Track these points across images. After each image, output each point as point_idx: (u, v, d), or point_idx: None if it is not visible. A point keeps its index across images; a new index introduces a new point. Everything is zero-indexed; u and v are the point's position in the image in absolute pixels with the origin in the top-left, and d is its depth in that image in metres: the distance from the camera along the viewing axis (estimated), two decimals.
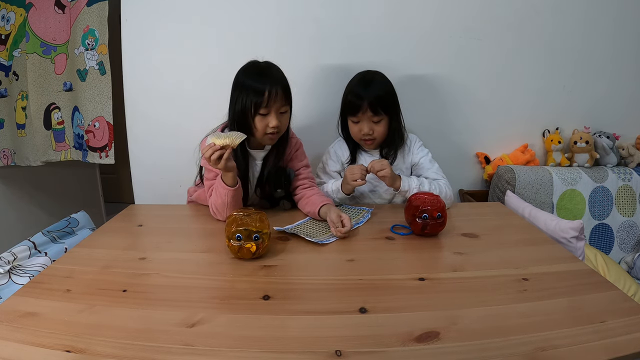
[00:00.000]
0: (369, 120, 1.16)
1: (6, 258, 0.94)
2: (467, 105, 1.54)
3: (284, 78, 1.07)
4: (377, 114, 1.15)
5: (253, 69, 1.07)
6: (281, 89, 1.03)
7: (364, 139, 1.20)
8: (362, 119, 1.17)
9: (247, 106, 1.03)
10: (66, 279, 0.78)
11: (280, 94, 1.03)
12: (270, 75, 1.04)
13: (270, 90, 1.01)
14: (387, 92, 1.18)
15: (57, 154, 1.67)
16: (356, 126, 1.19)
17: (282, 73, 1.08)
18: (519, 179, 1.44)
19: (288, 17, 1.44)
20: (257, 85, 1.02)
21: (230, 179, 1.02)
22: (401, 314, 0.66)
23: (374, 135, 1.18)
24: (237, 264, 0.84)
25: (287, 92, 1.07)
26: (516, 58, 1.50)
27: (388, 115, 1.17)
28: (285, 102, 1.06)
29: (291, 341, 0.60)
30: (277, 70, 1.08)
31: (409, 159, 1.27)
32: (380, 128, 1.18)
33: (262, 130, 1.05)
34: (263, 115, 1.04)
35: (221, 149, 0.94)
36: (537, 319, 0.63)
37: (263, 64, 1.08)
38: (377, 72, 1.22)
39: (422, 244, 0.94)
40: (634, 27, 1.50)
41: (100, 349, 0.58)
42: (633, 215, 1.48)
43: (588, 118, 1.56)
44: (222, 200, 1.04)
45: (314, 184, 1.20)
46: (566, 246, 1.06)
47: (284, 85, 1.05)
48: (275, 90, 1.02)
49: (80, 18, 1.51)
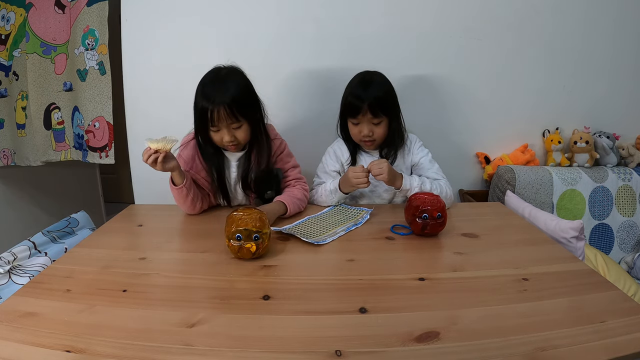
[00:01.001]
0: (369, 122, 1.16)
1: (6, 258, 0.95)
2: (467, 105, 1.54)
3: (237, 92, 1.02)
4: (376, 116, 1.15)
5: (205, 83, 1.05)
6: (226, 109, 1.00)
7: (363, 140, 1.20)
8: (362, 120, 1.17)
9: (199, 122, 1.06)
10: (66, 279, 0.78)
11: (224, 114, 1.00)
12: (216, 94, 1.01)
13: (213, 111, 1.00)
14: (387, 93, 1.17)
15: (57, 154, 1.67)
16: (356, 128, 1.19)
17: (236, 87, 1.03)
18: (519, 179, 1.44)
19: (288, 17, 1.44)
20: (203, 105, 1.01)
21: (175, 179, 1.07)
22: (401, 314, 0.66)
23: (373, 136, 1.18)
24: (237, 264, 0.84)
25: (238, 107, 1.02)
26: (516, 58, 1.50)
27: (388, 117, 1.17)
28: (234, 120, 1.03)
29: (291, 341, 0.60)
30: (231, 84, 1.03)
31: (409, 159, 1.27)
32: (380, 129, 1.18)
33: (220, 142, 1.08)
34: (215, 131, 1.06)
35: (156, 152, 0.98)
36: (537, 319, 0.63)
37: (218, 76, 1.05)
38: (377, 72, 1.21)
39: (422, 244, 0.94)
40: (633, 27, 1.50)
41: (100, 349, 0.58)
42: (633, 215, 1.48)
43: (588, 118, 1.56)
44: (176, 198, 1.11)
45: (299, 183, 1.22)
46: (566, 246, 1.06)
47: (230, 104, 1.00)
48: (218, 110, 1.00)
49: (80, 18, 1.51)
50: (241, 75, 1.08)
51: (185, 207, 1.13)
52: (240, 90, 1.05)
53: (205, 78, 1.06)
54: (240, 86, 1.05)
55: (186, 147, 1.16)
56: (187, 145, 1.16)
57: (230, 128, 1.05)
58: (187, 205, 1.12)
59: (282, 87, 1.50)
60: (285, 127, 1.54)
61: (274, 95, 1.51)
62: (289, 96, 1.51)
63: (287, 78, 1.49)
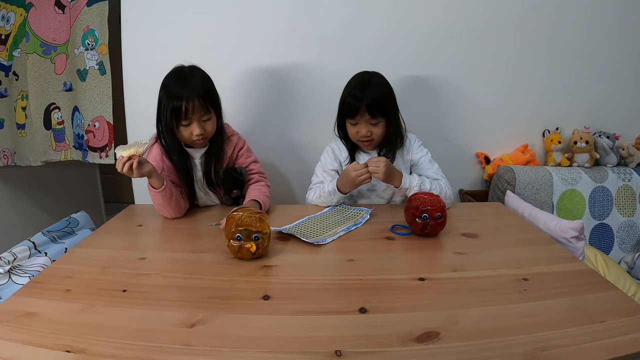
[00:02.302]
0: (367, 123, 1.16)
1: (6, 258, 0.95)
2: (468, 105, 1.54)
3: (206, 85, 1.09)
4: (375, 117, 1.14)
5: (172, 80, 1.08)
6: (199, 99, 1.04)
7: (361, 140, 1.20)
8: (360, 121, 1.17)
9: (169, 118, 1.06)
10: (66, 279, 0.78)
11: (197, 105, 1.04)
12: (187, 87, 1.05)
13: (187, 103, 1.03)
14: (385, 94, 1.17)
15: (57, 154, 1.67)
16: (354, 128, 1.19)
17: (203, 80, 1.09)
18: (519, 179, 1.44)
19: (288, 18, 1.44)
20: (174, 100, 1.04)
21: (154, 182, 1.06)
22: (401, 314, 0.66)
23: (371, 137, 1.18)
24: (237, 264, 0.84)
25: (209, 99, 1.08)
26: (516, 58, 1.50)
27: (386, 118, 1.17)
28: (206, 111, 1.07)
29: (291, 341, 0.60)
30: (198, 78, 1.08)
31: (408, 158, 1.26)
32: (378, 130, 1.17)
33: (188, 138, 1.09)
34: (185, 126, 1.07)
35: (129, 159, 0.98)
36: (537, 319, 0.63)
37: (184, 73, 1.09)
38: (376, 73, 1.21)
39: (422, 244, 0.94)
40: (634, 27, 1.50)
41: (100, 349, 0.58)
42: (633, 215, 1.48)
43: (588, 118, 1.56)
44: (157, 202, 1.09)
45: (262, 178, 1.24)
46: (566, 246, 1.06)
47: (202, 95, 1.05)
48: (192, 102, 1.04)
49: (80, 18, 1.51)
50: (203, 71, 1.13)
51: (171, 210, 1.10)
52: (207, 83, 1.11)
53: (168, 79, 1.09)
54: (206, 80, 1.11)
55: (150, 152, 1.16)
56: (152, 150, 1.17)
57: (200, 121, 1.08)
58: (172, 208, 1.10)
59: (281, 87, 1.50)
60: (285, 128, 1.54)
61: (274, 96, 1.51)
62: (288, 96, 1.51)
63: (286, 78, 1.49)
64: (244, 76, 1.46)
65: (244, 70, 1.46)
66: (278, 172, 1.58)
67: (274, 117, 1.54)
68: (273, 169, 1.57)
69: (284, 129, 1.55)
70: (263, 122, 1.53)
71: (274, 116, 1.54)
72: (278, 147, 1.56)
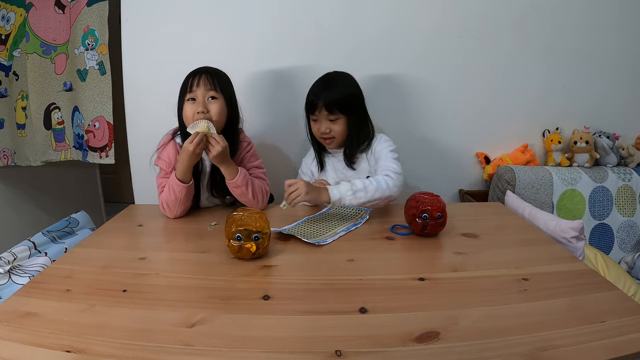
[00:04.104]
0: (325, 119, 1.19)
1: (6, 258, 0.94)
2: (467, 105, 1.54)
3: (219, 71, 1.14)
4: (332, 112, 1.17)
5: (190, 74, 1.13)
6: (207, 75, 1.09)
7: (322, 137, 1.22)
8: (319, 117, 1.19)
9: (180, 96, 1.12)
10: (66, 279, 0.78)
11: (204, 80, 1.08)
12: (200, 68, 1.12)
13: (194, 77, 1.09)
14: (346, 91, 1.19)
15: (57, 154, 1.67)
16: (315, 125, 1.22)
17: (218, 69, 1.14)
18: (519, 179, 1.44)
19: (288, 18, 1.44)
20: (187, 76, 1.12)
21: (188, 175, 1.08)
22: (401, 314, 0.66)
23: (331, 134, 1.20)
24: (237, 264, 0.84)
25: (218, 79, 1.11)
26: (516, 58, 1.50)
27: (345, 115, 1.18)
28: (212, 88, 1.09)
29: (291, 341, 0.60)
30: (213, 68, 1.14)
31: (372, 158, 1.22)
32: (337, 127, 1.19)
33: (191, 118, 1.08)
34: (191, 101, 1.09)
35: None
36: (537, 319, 0.63)
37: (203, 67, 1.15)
38: (343, 73, 1.23)
39: (422, 244, 0.94)
40: (634, 27, 1.50)
41: (100, 349, 0.58)
42: (633, 215, 1.48)
43: (588, 118, 1.56)
44: (175, 197, 1.09)
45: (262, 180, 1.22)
46: (566, 246, 1.06)
47: (212, 73, 1.11)
48: (200, 76, 1.09)
49: (80, 18, 1.51)
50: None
51: (181, 208, 1.12)
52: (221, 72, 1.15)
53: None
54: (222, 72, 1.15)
55: (165, 149, 1.17)
56: (166, 147, 1.17)
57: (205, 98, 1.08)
58: (184, 205, 1.12)
59: (281, 88, 1.50)
60: (285, 128, 1.54)
61: (274, 96, 1.51)
62: (288, 97, 1.51)
63: (286, 78, 1.49)
64: (244, 76, 1.46)
65: (244, 69, 1.46)
66: (278, 174, 1.58)
67: (274, 116, 1.54)
68: (273, 171, 1.56)
69: (283, 129, 1.55)
70: (263, 121, 1.53)
71: (274, 116, 1.54)
72: (278, 149, 1.56)
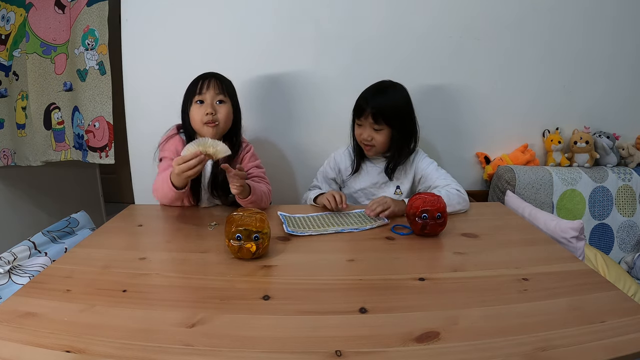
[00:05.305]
0: (370, 126, 1.19)
1: (6, 258, 0.94)
2: (467, 105, 1.54)
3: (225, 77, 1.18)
4: (377, 122, 1.16)
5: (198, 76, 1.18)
6: (216, 79, 1.14)
7: (363, 142, 1.22)
8: (364, 123, 1.19)
9: (186, 99, 1.15)
10: (66, 279, 0.78)
11: (214, 83, 1.13)
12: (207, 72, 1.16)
13: (203, 81, 1.13)
14: (394, 103, 1.18)
15: (57, 154, 1.67)
16: (359, 129, 1.22)
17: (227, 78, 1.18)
18: (519, 179, 1.44)
19: (288, 19, 1.44)
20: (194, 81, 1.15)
21: (181, 182, 1.03)
22: (401, 314, 0.66)
23: (372, 142, 1.20)
24: (237, 264, 0.84)
25: (226, 85, 1.15)
26: (516, 58, 1.50)
27: (390, 127, 1.18)
28: (220, 91, 1.13)
29: (291, 341, 0.60)
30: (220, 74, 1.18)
31: (411, 173, 1.27)
32: (379, 137, 1.19)
33: (200, 120, 1.11)
34: (199, 104, 1.12)
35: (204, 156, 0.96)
36: (537, 319, 0.63)
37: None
38: (397, 84, 1.22)
39: (422, 244, 0.94)
40: (633, 26, 1.50)
41: (100, 349, 0.58)
42: (633, 215, 1.48)
43: (588, 118, 1.56)
44: (164, 194, 1.09)
45: (263, 180, 1.23)
46: (566, 246, 1.06)
47: (220, 78, 1.15)
48: (209, 80, 1.13)
49: (80, 18, 1.51)
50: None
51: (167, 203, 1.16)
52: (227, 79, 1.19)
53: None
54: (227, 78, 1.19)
55: (168, 142, 1.19)
56: (171, 139, 1.19)
57: (214, 101, 1.12)
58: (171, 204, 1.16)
59: (281, 88, 1.50)
60: (285, 128, 1.54)
61: (273, 97, 1.51)
62: (288, 97, 1.51)
63: (286, 79, 1.49)
64: (244, 75, 1.46)
65: (244, 69, 1.46)
66: (279, 174, 1.58)
67: (274, 117, 1.54)
68: (274, 171, 1.56)
69: (283, 130, 1.55)
70: (263, 122, 1.53)
71: (274, 116, 1.54)
72: (279, 149, 1.56)
